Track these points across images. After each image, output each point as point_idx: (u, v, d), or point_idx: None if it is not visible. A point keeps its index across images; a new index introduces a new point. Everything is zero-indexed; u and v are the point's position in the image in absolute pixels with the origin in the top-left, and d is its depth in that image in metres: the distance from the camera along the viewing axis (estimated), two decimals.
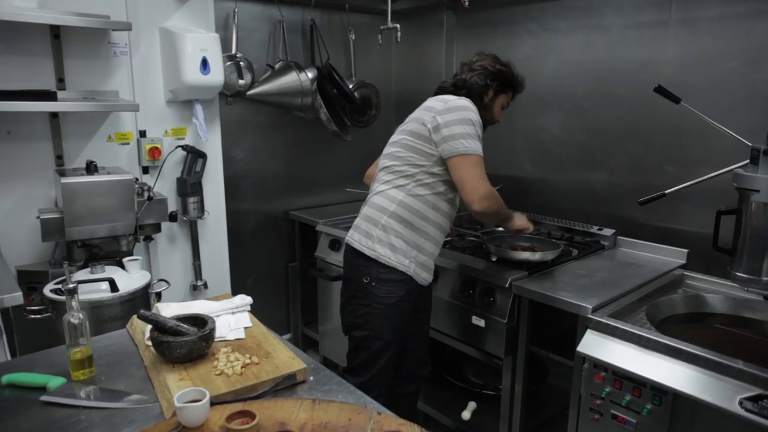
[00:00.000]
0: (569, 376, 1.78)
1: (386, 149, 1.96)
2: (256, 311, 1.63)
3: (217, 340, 1.41)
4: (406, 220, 1.85)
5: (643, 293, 1.92)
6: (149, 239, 2.45)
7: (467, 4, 2.70)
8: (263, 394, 1.22)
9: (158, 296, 2.14)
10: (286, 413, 1.12)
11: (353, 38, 3.20)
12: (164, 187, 2.51)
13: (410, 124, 1.90)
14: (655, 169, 2.32)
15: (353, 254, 1.91)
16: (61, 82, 2.20)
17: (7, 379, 1.26)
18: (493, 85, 1.93)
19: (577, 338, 1.76)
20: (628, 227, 2.44)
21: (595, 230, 2.51)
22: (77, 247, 2.13)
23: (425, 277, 1.92)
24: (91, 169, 2.09)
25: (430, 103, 1.89)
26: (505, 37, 2.81)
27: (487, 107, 1.95)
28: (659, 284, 2.01)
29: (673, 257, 2.24)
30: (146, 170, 2.47)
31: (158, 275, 2.47)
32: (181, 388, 1.16)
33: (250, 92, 2.84)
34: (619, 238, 2.45)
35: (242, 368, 1.28)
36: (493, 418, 2.25)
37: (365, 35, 3.25)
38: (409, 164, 1.85)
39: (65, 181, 1.99)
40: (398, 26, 2.94)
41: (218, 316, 1.53)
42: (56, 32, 2.16)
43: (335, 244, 2.78)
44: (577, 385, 1.75)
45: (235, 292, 2.00)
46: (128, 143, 2.41)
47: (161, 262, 2.57)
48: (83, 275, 1.97)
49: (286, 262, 3.28)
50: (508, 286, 2.00)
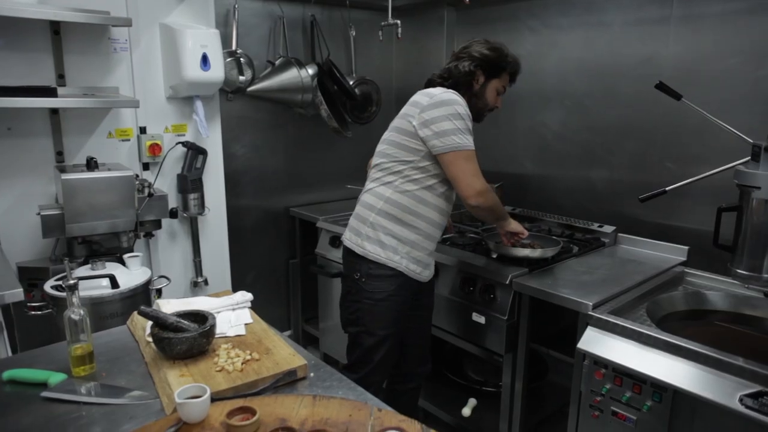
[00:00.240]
0: (569, 373, 1.79)
1: (378, 146, 1.95)
2: (256, 308, 1.63)
3: (217, 336, 1.41)
4: (394, 216, 1.84)
5: (643, 290, 1.92)
6: (150, 236, 2.45)
7: (468, 0, 2.69)
8: (264, 390, 1.22)
9: (159, 293, 2.15)
10: (286, 409, 1.13)
11: (354, 34, 3.20)
12: (165, 183, 2.51)
13: (397, 120, 1.88)
14: (655, 165, 2.31)
15: (346, 252, 1.94)
16: (61, 78, 2.20)
17: (7, 375, 1.26)
18: (479, 71, 1.88)
19: (577, 335, 1.76)
20: (628, 224, 2.43)
21: (595, 227, 2.50)
22: (78, 243, 2.13)
23: (420, 272, 1.91)
24: (91, 165, 2.09)
25: (416, 98, 1.85)
26: (506, 33, 2.80)
27: (478, 94, 1.90)
28: (660, 281, 2.01)
29: (673, 254, 2.24)
30: (147, 167, 2.47)
31: (159, 272, 2.47)
32: (181, 384, 1.16)
33: (250, 89, 2.84)
34: (619, 235, 2.45)
35: (243, 364, 1.28)
36: (493, 414, 2.26)
37: (366, 31, 3.24)
38: (396, 161, 1.84)
39: (66, 177, 1.98)
40: (399, 22, 2.93)
41: (219, 312, 1.53)
42: (56, 28, 2.15)
43: (335, 240, 2.78)
44: (577, 381, 1.75)
45: (235, 288, 2.00)
46: (128, 140, 2.41)
47: (162, 258, 2.58)
48: (84, 272, 1.97)
49: (286, 258, 3.29)
50: (508, 282, 2.00)
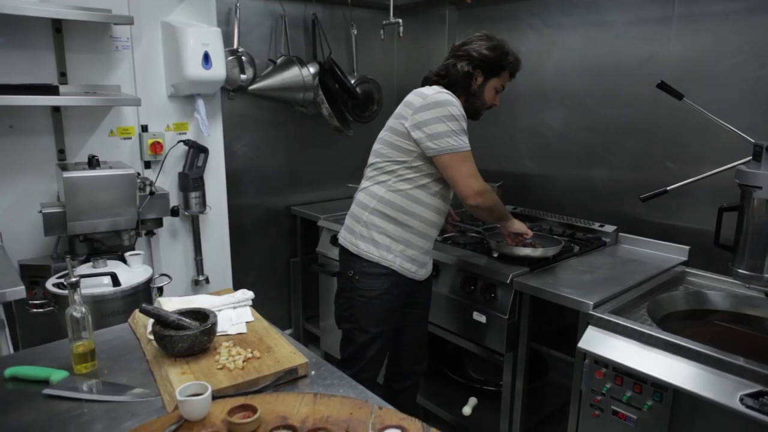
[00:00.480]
0: (570, 372, 1.79)
1: (374, 145, 1.95)
2: (257, 306, 1.63)
3: (218, 334, 1.41)
4: (387, 215, 1.84)
5: (644, 290, 1.92)
6: (151, 234, 2.46)
7: None
8: (265, 388, 1.23)
9: (160, 291, 2.15)
10: (287, 407, 1.13)
11: (355, 33, 3.19)
12: (166, 181, 2.52)
13: (392, 120, 1.88)
14: (656, 165, 2.31)
15: (341, 250, 1.96)
16: (63, 76, 2.20)
17: (10, 372, 1.27)
18: (477, 72, 1.85)
19: (578, 334, 1.76)
20: (629, 224, 2.43)
21: (596, 227, 2.50)
22: (79, 241, 2.14)
23: (416, 271, 1.91)
24: (93, 163, 2.09)
25: (409, 98, 1.83)
26: (507, 32, 2.79)
27: (476, 94, 1.88)
28: (660, 281, 2.01)
29: (674, 254, 2.24)
30: (148, 165, 2.47)
31: (160, 270, 2.47)
32: (182, 381, 1.16)
33: (251, 87, 2.84)
34: (620, 234, 2.45)
35: (244, 362, 1.28)
36: (493, 413, 2.26)
37: (367, 30, 3.24)
38: (390, 160, 1.84)
39: (67, 175, 1.99)
40: (400, 21, 2.93)
41: (220, 310, 1.53)
42: (58, 26, 2.16)
43: (336, 239, 2.77)
44: (577, 381, 1.75)
45: (236, 287, 2.00)
46: (130, 138, 2.41)
47: (163, 256, 2.58)
48: (85, 269, 1.97)
49: (287, 257, 3.29)
50: (509, 282, 2.00)
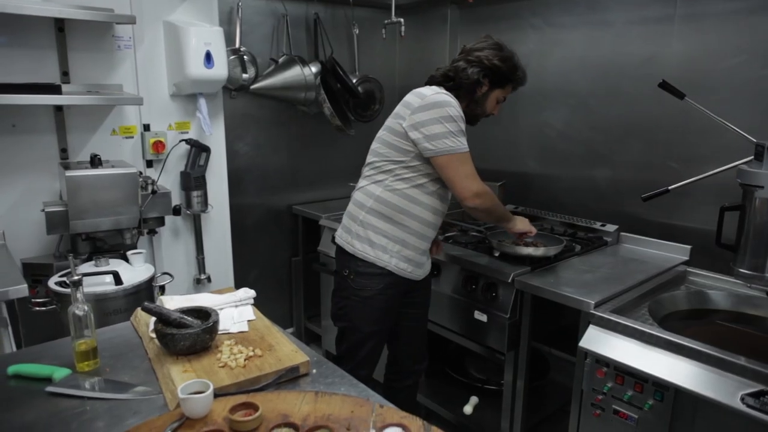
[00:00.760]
0: (571, 371, 1.79)
1: (372, 144, 1.94)
2: (258, 305, 1.63)
3: (220, 332, 1.42)
4: (384, 215, 1.84)
5: (645, 289, 1.92)
6: (153, 233, 2.46)
7: None
8: (266, 386, 1.23)
9: (162, 289, 2.16)
10: (289, 405, 1.13)
11: (357, 32, 3.20)
12: (168, 180, 2.52)
13: (390, 119, 1.87)
14: (658, 165, 2.31)
15: (337, 249, 1.96)
16: (65, 75, 2.20)
17: (12, 370, 1.27)
18: (486, 81, 1.85)
19: (579, 334, 1.76)
20: (631, 223, 2.43)
21: (598, 226, 2.50)
22: (81, 240, 2.14)
23: (412, 271, 1.91)
24: (95, 162, 2.09)
25: (408, 98, 1.83)
26: (509, 32, 2.80)
27: (478, 101, 1.87)
28: (662, 280, 2.01)
29: (676, 253, 2.24)
30: (150, 164, 2.48)
31: (162, 269, 2.48)
32: (184, 379, 1.17)
33: (253, 86, 2.84)
34: (622, 234, 2.45)
35: (245, 360, 1.29)
36: (494, 413, 2.26)
37: (369, 29, 3.24)
38: (387, 160, 1.83)
39: (70, 174, 1.99)
40: (402, 20, 2.93)
41: (222, 308, 1.54)
42: (61, 25, 2.16)
43: None
44: (579, 380, 1.75)
45: (238, 286, 2.00)
46: (132, 137, 2.42)
47: (165, 255, 2.58)
48: (87, 268, 1.98)
49: (289, 256, 3.29)
50: (510, 281, 2.00)
